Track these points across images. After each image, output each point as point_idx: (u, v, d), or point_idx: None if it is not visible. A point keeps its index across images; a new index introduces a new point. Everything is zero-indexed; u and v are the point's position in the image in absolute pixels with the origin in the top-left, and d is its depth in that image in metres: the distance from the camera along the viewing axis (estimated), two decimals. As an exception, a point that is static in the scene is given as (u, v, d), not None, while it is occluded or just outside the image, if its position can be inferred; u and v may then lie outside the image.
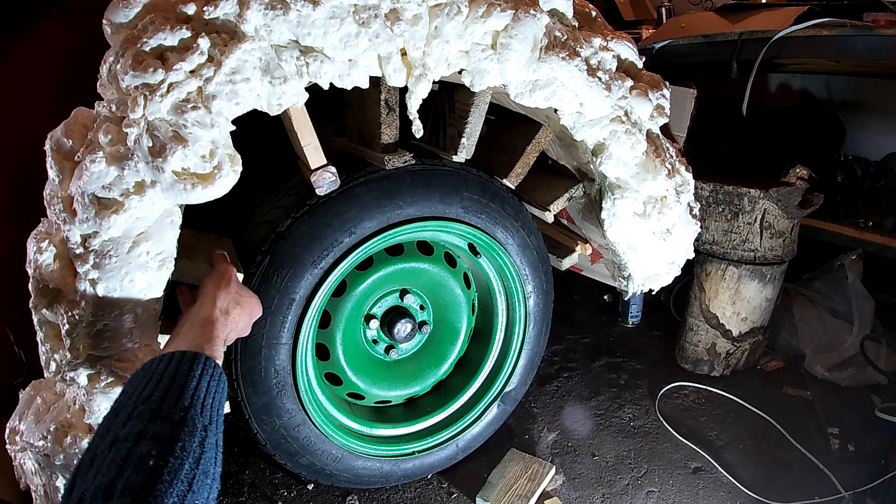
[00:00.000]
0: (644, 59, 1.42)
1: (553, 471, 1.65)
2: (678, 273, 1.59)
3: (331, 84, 1.05)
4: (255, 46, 0.94)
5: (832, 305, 2.15)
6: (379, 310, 1.50)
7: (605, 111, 1.28)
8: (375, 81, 1.17)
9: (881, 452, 1.67)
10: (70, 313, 0.95)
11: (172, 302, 1.08)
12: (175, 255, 1.01)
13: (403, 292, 1.52)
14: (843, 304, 2.11)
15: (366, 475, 1.53)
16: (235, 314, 0.95)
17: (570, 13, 1.26)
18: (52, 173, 1.02)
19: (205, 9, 0.93)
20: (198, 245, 1.18)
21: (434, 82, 1.13)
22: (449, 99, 1.44)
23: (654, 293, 1.65)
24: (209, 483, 0.66)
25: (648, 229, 1.43)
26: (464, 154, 1.41)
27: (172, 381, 0.73)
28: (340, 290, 1.41)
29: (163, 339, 1.07)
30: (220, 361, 0.83)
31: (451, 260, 1.59)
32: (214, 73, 0.92)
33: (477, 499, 1.57)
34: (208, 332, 0.86)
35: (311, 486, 1.63)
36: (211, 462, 0.68)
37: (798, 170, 1.96)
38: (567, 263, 1.73)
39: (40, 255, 0.99)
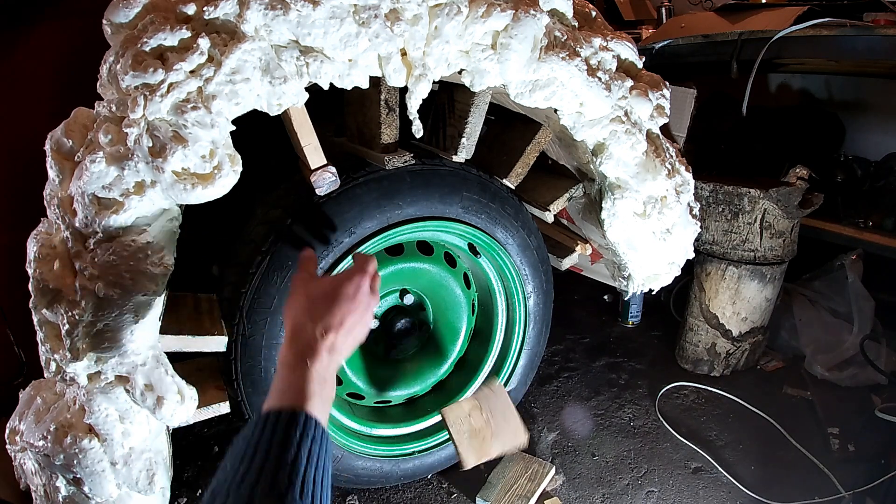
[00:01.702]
0: (644, 59, 1.42)
1: (553, 471, 1.65)
2: (678, 273, 1.59)
3: (331, 84, 1.05)
4: (255, 46, 0.94)
5: (832, 305, 2.15)
6: (379, 309, 1.50)
7: (605, 111, 1.28)
8: (375, 81, 1.17)
9: (881, 452, 1.67)
10: (70, 313, 0.95)
11: (172, 302, 1.08)
12: (174, 258, 1.01)
13: (403, 292, 1.52)
14: (843, 304, 2.11)
15: (366, 475, 1.53)
16: (341, 340, 0.78)
17: (570, 13, 1.26)
18: (52, 173, 1.02)
19: (205, 9, 0.93)
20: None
21: (434, 82, 1.13)
22: (449, 99, 1.44)
23: (654, 293, 1.65)
24: None
25: (648, 229, 1.43)
26: (464, 154, 1.41)
27: (266, 456, 0.62)
28: (340, 290, 1.41)
29: (163, 340, 1.08)
30: (323, 412, 0.70)
31: (451, 260, 1.59)
32: (214, 74, 0.92)
33: (477, 499, 1.57)
34: (305, 376, 0.72)
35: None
36: None
37: (798, 170, 1.96)
38: (567, 263, 1.73)
39: (40, 255, 0.99)
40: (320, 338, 0.75)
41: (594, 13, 1.36)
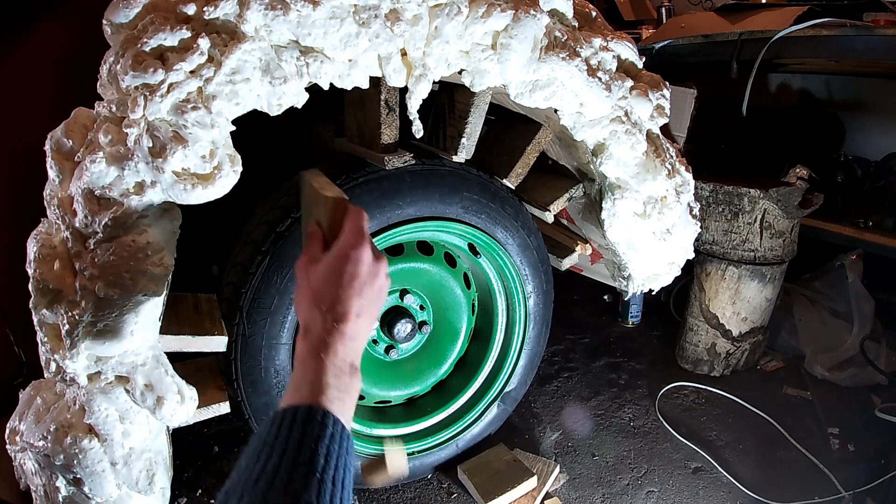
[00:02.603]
0: (644, 59, 1.42)
1: (557, 469, 1.65)
2: (678, 273, 1.59)
3: (331, 84, 1.05)
4: (256, 47, 0.94)
5: (832, 305, 2.15)
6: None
7: (605, 111, 1.28)
8: (375, 82, 1.17)
9: (881, 452, 1.67)
10: (70, 313, 0.95)
11: (172, 302, 1.08)
12: (174, 258, 1.01)
13: (403, 292, 1.52)
14: (843, 304, 2.11)
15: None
16: (354, 326, 0.72)
17: (570, 13, 1.26)
18: (52, 173, 1.02)
19: (205, 9, 0.93)
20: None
21: (434, 82, 1.13)
22: (449, 99, 1.44)
23: (654, 293, 1.65)
24: None
25: (648, 229, 1.43)
26: (464, 154, 1.41)
27: (282, 455, 0.59)
28: (340, 290, 1.41)
29: (163, 340, 1.08)
30: (342, 408, 0.66)
31: (451, 260, 1.59)
32: (214, 74, 0.92)
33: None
34: (320, 370, 0.67)
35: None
36: None
37: (798, 170, 1.96)
38: (567, 263, 1.73)
39: (40, 255, 0.99)
40: (332, 329, 0.70)
41: (594, 13, 1.36)
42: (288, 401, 0.65)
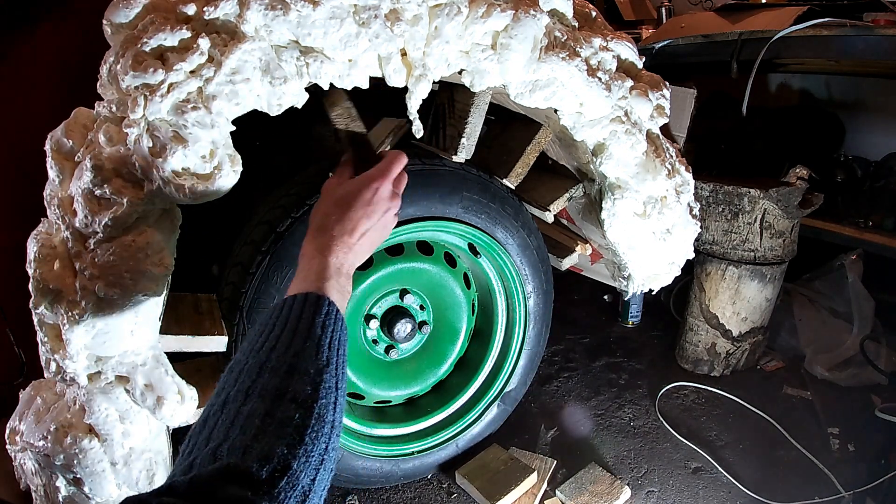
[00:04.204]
0: (644, 59, 1.42)
1: (554, 465, 1.65)
2: (678, 273, 1.59)
3: (330, 84, 1.05)
4: (256, 47, 0.94)
5: (832, 305, 2.15)
6: (379, 310, 1.50)
7: (605, 111, 1.28)
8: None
9: (881, 452, 1.68)
10: (70, 313, 0.95)
11: (172, 302, 1.08)
12: (174, 258, 1.00)
13: (403, 292, 1.52)
14: (843, 304, 2.11)
15: (366, 475, 1.53)
16: (356, 243, 0.83)
17: (570, 13, 1.26)
18: (52, 173, 1.02)
19: (205, 9, 0.93)
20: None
21: (434, 82, 1.13)
22: (449, 99, 1.44)
23: (654, 293, 1.65)
24: (327, 431, 0.61)
25: (648, 229, 1.43)
26: (464, 154, 1.41)
27: (284, 327, 0.67)
28: (340, 290, 1.41)
29: (163, 340, 1.07)
30: (342, 296, 0.75)
31: (451, 260, 1.59)
32: (214, 74, 0.92)
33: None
34: (323, 264, 0.77)
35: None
36: (329, 409, 0.62)
37: (798, 170, 1.96)
38: (567, 263, 1.73)
39: (40, 255, 0.99)
40: (339, 235, 0.81)
41: (594, 13, 1.36)
42: (292, 291, 0.74)
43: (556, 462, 1.66)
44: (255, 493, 0.50)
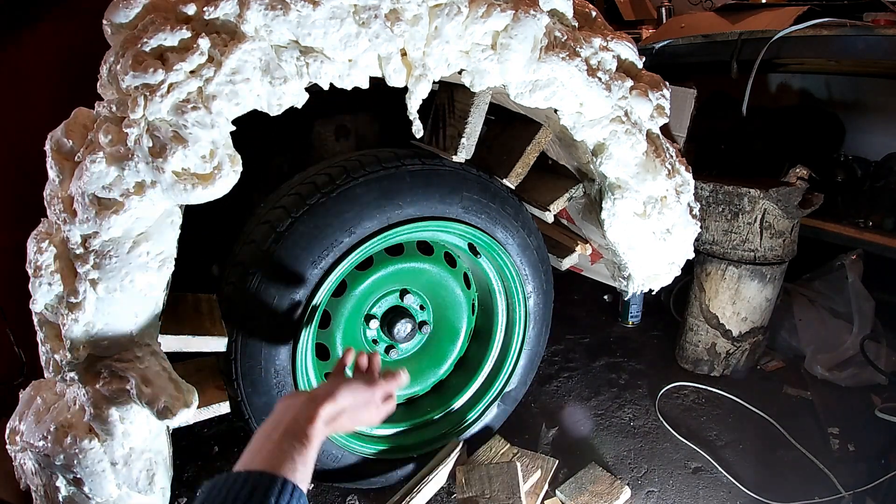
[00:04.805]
0: (644, 59, 1.42)
1: (556, 465, 1.65)
2: (678, 273, 1.59)
3: (331, 84, 1.05)
4: (256, 47, 0.94)
5: (832, 305, 2.15)
6: (379, 310, 1.50)
7: (605, 111, 1.28)
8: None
9: (881, 452, 1.67)
10: (70, 313, 0.95)
11: (172, 302, 1.08)
12: (174, 257, 1.01)
13: (403, 292, 1.52)
14: (843, 304, 2.11)
15: (366, 475, 1.53)
16: (341, 423, 0.90)
17: (570, 13, 1.26)
18: (52, 173, 1.02)
19: (205, 9, 0.93)
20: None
21: (434, 82, 1.13)
22: (449, 99, 1.44)
23: (654, 293, 1.65)
24: None
25: (648, 229, 1.43)
26: (464, 154, 1.41)
27: None
28: (340, 290, 1.41)
29: (163, 340, 1.08)
30: (304, 479, 0.75)
31: (451, 260, 1.59)
32: (214, 74, 0.92)
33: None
34: (301, 443, 0.78)
35: (311, 486, 1.63)
36: None
37: (798, 170, 1.96)
38: (567, 263, 1.73)
39: (40, 255, 0.99)
40: (310, 410, 0.84)
41: (594, 13, 1.36)
42: (248, 465, 0.74)
43: (557, 462, 1.66)
44: None
